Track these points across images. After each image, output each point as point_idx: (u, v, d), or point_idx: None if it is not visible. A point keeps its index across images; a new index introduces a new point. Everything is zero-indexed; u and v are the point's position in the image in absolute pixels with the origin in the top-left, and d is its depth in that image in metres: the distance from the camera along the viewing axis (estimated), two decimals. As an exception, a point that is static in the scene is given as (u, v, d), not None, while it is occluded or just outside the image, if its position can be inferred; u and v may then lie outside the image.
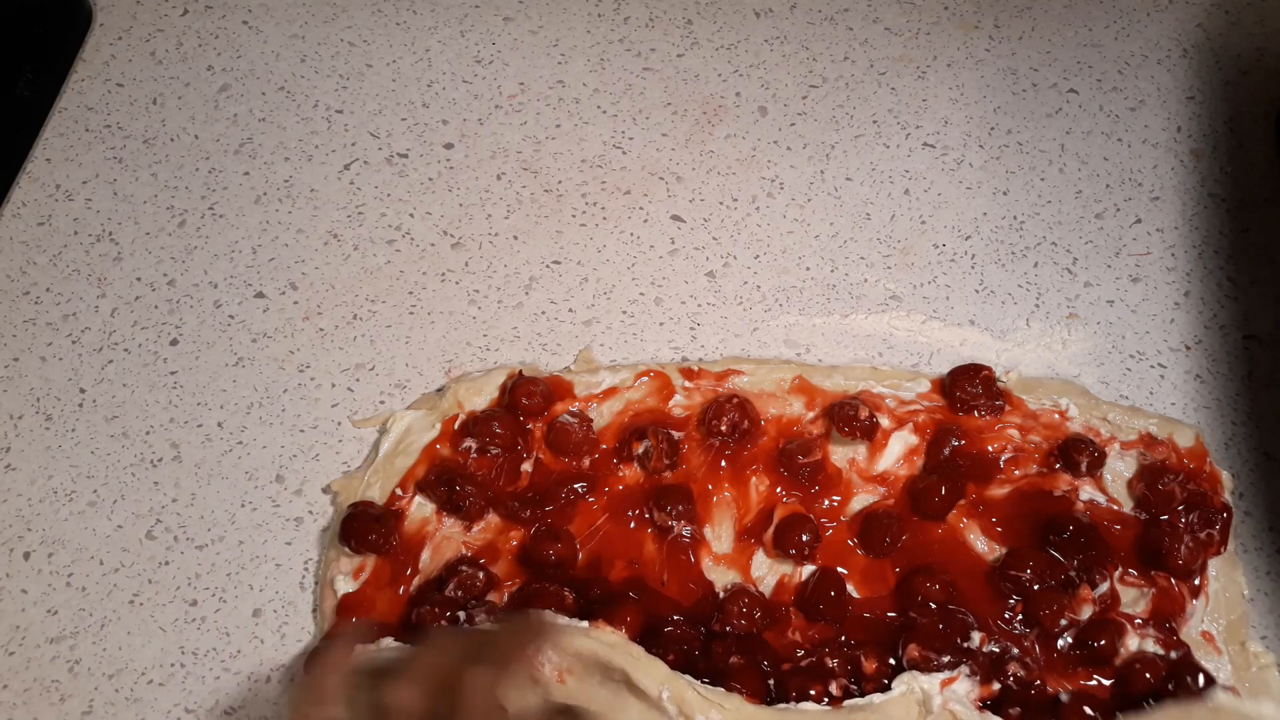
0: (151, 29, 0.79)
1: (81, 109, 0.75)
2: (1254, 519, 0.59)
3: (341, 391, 0.65)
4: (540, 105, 0.75)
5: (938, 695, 0.51)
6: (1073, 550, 0.56)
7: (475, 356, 0.65)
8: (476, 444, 0.60)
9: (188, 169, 0.73)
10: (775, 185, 0.71)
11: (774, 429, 0.60)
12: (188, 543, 0.60)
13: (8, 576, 0.60)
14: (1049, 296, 0.66)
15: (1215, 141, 0.71)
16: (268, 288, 0.68)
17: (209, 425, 0.64)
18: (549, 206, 0.71)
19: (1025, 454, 0.59)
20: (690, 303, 0.67)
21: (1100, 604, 0.55)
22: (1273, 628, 0.57)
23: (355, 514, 0.58)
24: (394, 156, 0.73)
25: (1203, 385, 0.63)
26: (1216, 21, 0.76)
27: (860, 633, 0.55)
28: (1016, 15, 0.77)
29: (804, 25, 0.77)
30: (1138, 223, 0.69)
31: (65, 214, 0.71)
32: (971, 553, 0.57)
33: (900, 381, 0.62)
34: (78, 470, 0.62)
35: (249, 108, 0.75)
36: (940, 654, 0.53)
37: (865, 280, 0.67)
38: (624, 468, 0.60)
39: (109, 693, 0.57)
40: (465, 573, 0.56)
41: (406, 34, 0.78)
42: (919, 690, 0.51)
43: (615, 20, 0.78)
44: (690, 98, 0.75)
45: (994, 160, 0.71)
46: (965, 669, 0.52)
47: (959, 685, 0.52)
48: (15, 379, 0.65)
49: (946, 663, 0.52)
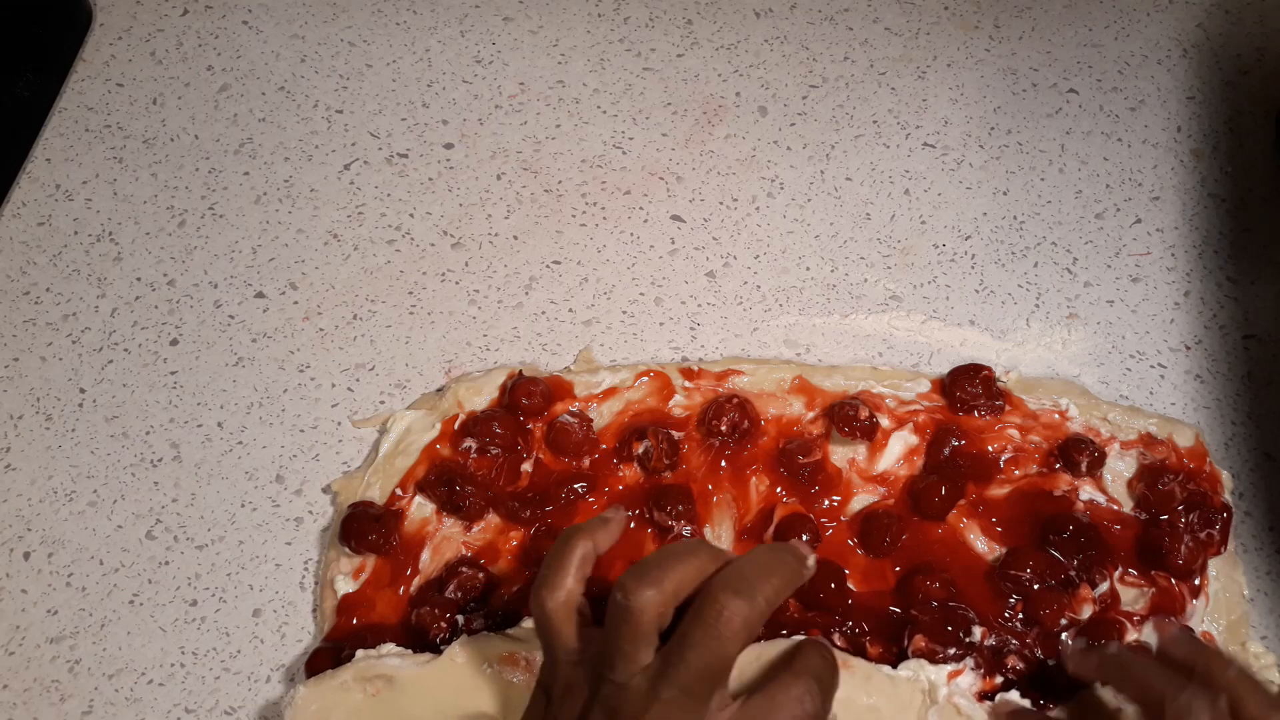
0: (151, 29, 0.79)
1: (81, 109, 0.75)
2: (1254, 519, 0.59)
3: (341, 391, 0.65)
4: (540, 105, 0.75)
5: (944, 687, 0.51)
6: (1073, 550, 0.56)
7: (475, 356, 0.65)
8: (476, 444, 0.59)
9: (188, 169, 0.73)
10: (775, 185, 0.71)
11: (774, 429, 0.60)
12: (188, 543, 0.60)
13: (8, 576, 0.60)
14: (1049, 296, 0.66)
15: (1215, 141, 0.71)
16: (268, 288, 0.68)
17: (209, 425, 0.64)
18: (549, 206, 0.71)
19: (1025, 454, 0.59)
20: (690, 303, 0.67)
21: (1100, 604, 0.55)
22: (1273, 628, 0.57)
23: (355, 514, 0.58)
24: (394, 156, 0.73)
25: (1203, 385, 0.63)
26: (1216, 21, 0.76)
27: (863, 621, 0.55)
28: (1016, 15, 0.77)
29: (804, 25, 0.77)
30: (1138, 223, 0.69)
31: (65, 214, 0.71)
32: (971, 553, 0.57)
33: (900, 381, 0.62)
34: (78, 470, 0.62)
35: (249, 108, 0.75)
36: (946, 647, 0.53)
37: (865, 280, 0.67)
38: (624, 468, 0.60)
39: (109, 693, 0.57)
40: (465, 574, 0.56)
41: (406, 34, 0.78)
42: (925, 680, 0.51)
43: (615, 20, 0.78)
44: (690, 98, 0.75)
45: (994, 160, 0.71)
46: (971, 662, 0.52)
47: (963, 679, 0.52)
48: (15, 379, 0.65)
49: (953, 655, 0.52)
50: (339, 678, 0.52)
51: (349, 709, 0.51)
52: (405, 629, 0.56)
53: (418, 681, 0.51)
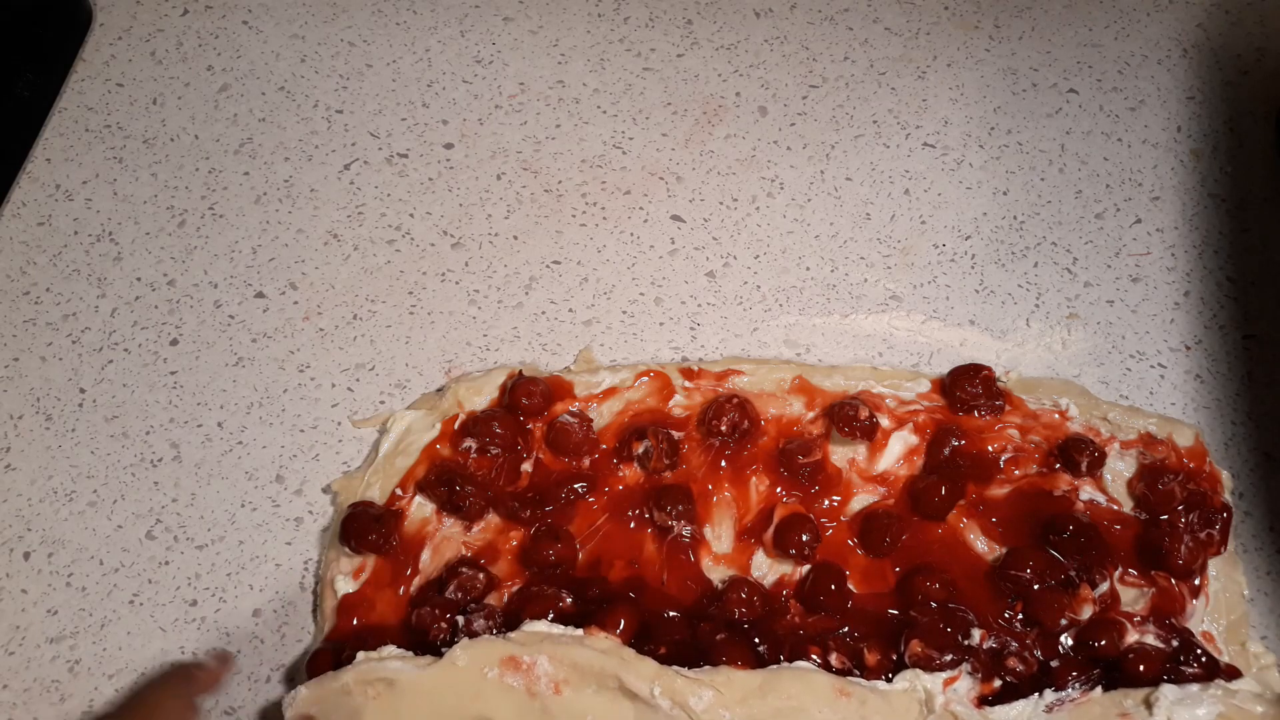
0: (151, 29, 0.79)
1: (81, 109, 0.75)
2: (1254, 519, 0.59)
3: (341, 391, 0.65)
4: (540, 105, 0.75)
5: (940, 695, 0.51)
6: (1073, 550, 0.56)
7: (475, 356, 0.65)
8: (476, 444, 0.59)
9: (188, 169, 0.73)
10: (775, 185, 0.71)
11: (774, 429, 0.60)
12: (188, 543, 0.60)
13: (8, 576, 0.60)
14: (1049, 296, 0.66)
15: (1215, 141, 0.71)
16: (268, 288, 0.68)
17: (209, 425, 0.64)
18: (549, 206, 0.71)
19: (1025, 454, 0.59)
20: (690, 303, 0.67)
21: (1100, 604, 0.55)
22: (1273, 628, 0.57)
23: (355, 514, 0.58)
24: (394, 156, 0.73)
25: (1203, 385, 0.63)
26: (1216, 21, 0.76)
27: (862, 625, 0.55)
28: (1016, 15, 0.77)
29: (804, 25, 0.77)
30: (1138, 223, 0.69)
31: (65, 214, 0.71)
32: (971, 553, 0.57)
33: (900, 381, 0.62)
34: (78, 470, 0.62)
35: (249, 108, 0.75)
36: (942, 652, 0.53)
37: (865, 280, 0.67)
38: (624, 468, 0.60)
39: (109, 693, 0.57)
40: (465, 574, 0.56)
41: (406, 34, 0.78)
42: (921, 689, 0.51)
43: (615, 20, 0.78)
44: (690, 98, 0.75)
45: (994, 160, 0.71)
46: (967, 667, 0.52)
47: (960, 684, 0.52)
48: (15, 379, 0.65)
49: (949, 661, 0.52)
50: (340, 680, 0.52)
51: (349, 711, 0.51)
52: (405, 629, 0.56)
53: (418, 685, 0.51)
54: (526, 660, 0.51)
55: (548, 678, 0.50)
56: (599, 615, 0.54)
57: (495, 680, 0.51)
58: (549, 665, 0.51)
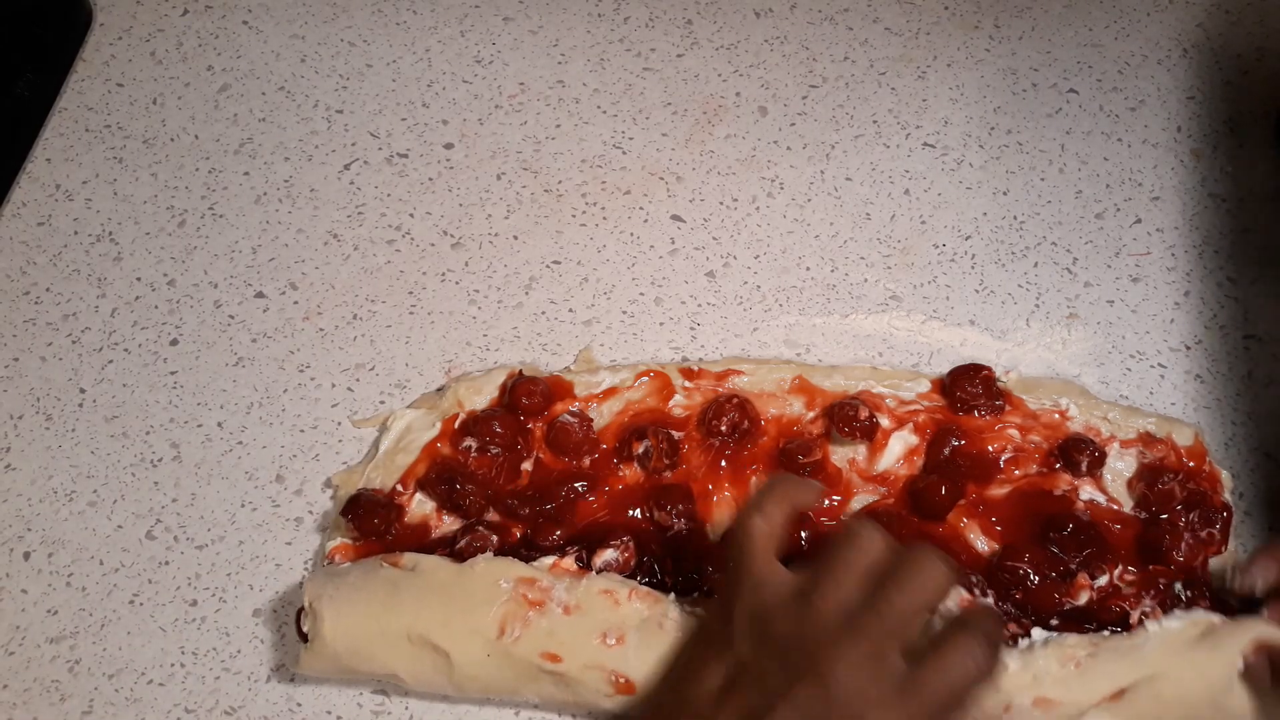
0: (151, 29, 0.79)
1: (81, 109, 0.75)
2: (1254, 519, 0.59)
3: (341, 391, 0.65)
4: (540, 105, 0.75)
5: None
6: (1073, 549, 0.56)
7: (475, 356, 0.65)
8: (476, 443, 0.59)
9: (188, 169, 0.73)
10: (775, 185, 0.71)
11: (774, 429, 0.60)
12: (188, 543, 0.60)
13: (8, 576, 0.60)
14: (1049, 296, 0.66)
15: (1215, 141, 0.71)
16: (268, 288, 0.68)
17: (209, 425, 0.64)
18: (549, 206, 0.71)
19: (1025, 454, 0.59)
20: (690, 303, 0.67)
21: (1099, 594, 0.55)
22: (1273, 627, 0.57)
23: (361, 496, 0.58)
24: (394, 156, 0.73)
25: (1203, 385, 0.63)
26: (1216, 21, 0.77)
27: None
28: (1016, 15, 0.77)
29: (804, 25, 0.77)
30: (1138, 223, 0.69)
31: (65, 214, 0.71)
32: (972, 552, 0.57)
33: (900, 381, 0.62)
34: (78, 470, 0.62)
35: (249, 108, 0.75)
36: None
37: (865, 280, 0.67)
38: (624, 467, 0.60)
39: (109, 693, 0.57)
40: (479, 531, 0.57)
41: (406, 34, 0.78)
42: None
43: (615, 20, 0.78)
44: (690, 98, 0.75)
45: (994, 160, 0.71)
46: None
47: None
48: (15, 379, 0.65)
49: None
50: (373, 558, 0.55)
51: (366, 569, 0.54)
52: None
53: (437, 571, 0.53)
54: (544, 585, 0.53)
55: (559, 602, 0.52)
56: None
57: (509, 593, 0.52)
58: (564, 593, 0.52)
